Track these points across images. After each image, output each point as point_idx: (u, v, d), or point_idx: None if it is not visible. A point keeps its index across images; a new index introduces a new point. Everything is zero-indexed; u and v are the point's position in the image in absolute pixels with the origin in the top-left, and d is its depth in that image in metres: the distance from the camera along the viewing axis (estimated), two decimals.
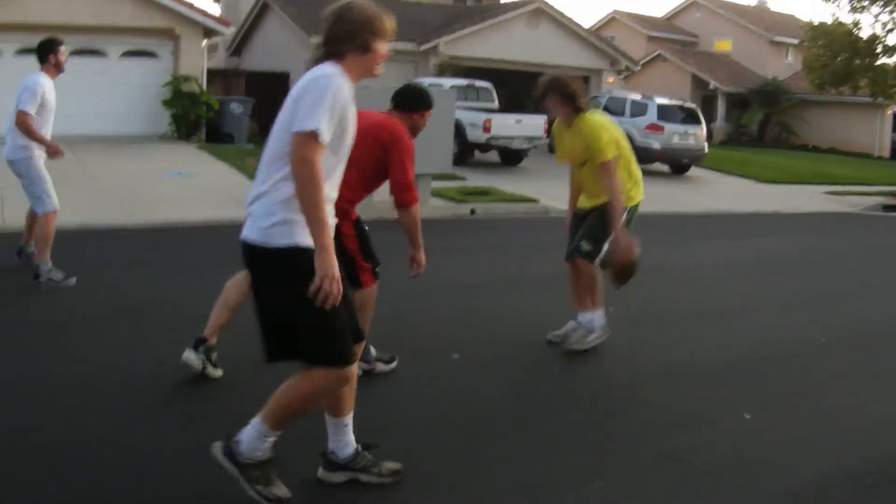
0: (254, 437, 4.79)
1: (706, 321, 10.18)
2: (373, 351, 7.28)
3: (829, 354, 9.00)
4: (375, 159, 6.85)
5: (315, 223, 4.44)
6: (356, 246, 6.92)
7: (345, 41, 4.76)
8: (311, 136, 4.42)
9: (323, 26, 4.85)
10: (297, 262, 4.52)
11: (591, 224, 8.49)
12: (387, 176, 6.99)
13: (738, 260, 14.64)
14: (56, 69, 10.09)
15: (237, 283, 6.86)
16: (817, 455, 6.19)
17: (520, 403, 7.00)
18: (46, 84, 9.91)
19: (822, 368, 8.46)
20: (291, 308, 4.58)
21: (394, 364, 7.45)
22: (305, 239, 4.53)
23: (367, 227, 7.12)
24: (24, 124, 9.66)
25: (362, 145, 6.44)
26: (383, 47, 4.86)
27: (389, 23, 4.93)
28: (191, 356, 6.79)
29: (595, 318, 8.48)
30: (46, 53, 10.04)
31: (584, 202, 8.69)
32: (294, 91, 4.67)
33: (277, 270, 4.60)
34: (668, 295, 11.37)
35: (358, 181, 6.77)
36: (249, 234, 4.66)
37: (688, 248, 15.92)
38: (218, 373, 6.90)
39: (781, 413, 7.00)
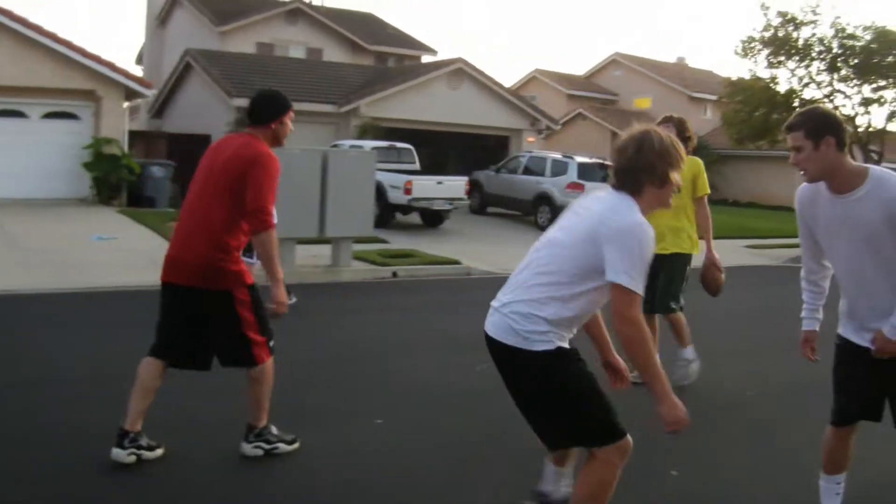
0: None
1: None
2: (273, 429, 6.91)
3: (754, 406, 9.18)
4: (244, 195, 6.41)
5: (653, 378, 4.56)
6: (251, 316, 6.57)
7: (645, 174, 4.71)
8: (635, 295, 4.48)
9: (618, 157, 4.80)
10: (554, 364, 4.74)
11: (671, 280, 9.53)
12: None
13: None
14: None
15: (149, 366, 6.60)
16: None
17: (448, 462, 6.99)
18: None
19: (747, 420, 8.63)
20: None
21: (296, 444, 7.03)
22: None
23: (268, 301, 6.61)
24: None
25: (231, 181, 6.44)
26: (677, 177, 4.79)
27: (682, 151, 4.86)
28: (120, 454, 6.43)
29: (689, 352, 9.68)
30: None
31: (667, 245, 9.37)
32: (595, 217, 4.67)
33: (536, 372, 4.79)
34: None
35: (237, 227, 6.49)
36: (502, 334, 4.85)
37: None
38: (158, 452, 6.61)
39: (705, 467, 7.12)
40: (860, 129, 39.62)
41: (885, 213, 4.89)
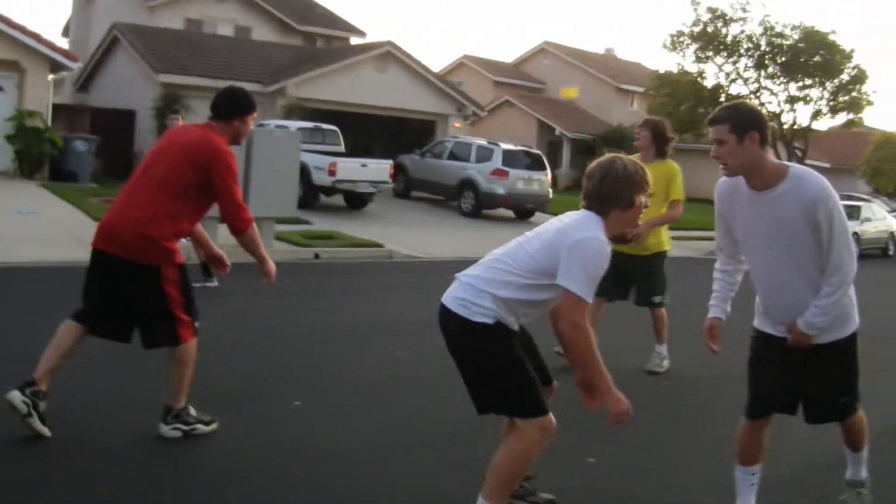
0: None
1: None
2: (192, 411, 6.87)
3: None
4: (195, 184, 6.51)
5: (598, 377, 4.96)
6: (178, 295, 6.60)
7: (610, 201, 5.05)
8: (582, 302, 4.85)
9: (586, 183, 5.17)
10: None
11: (652, 276, 10.20)
12: (211, 200, 6.67)
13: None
14: None
15: (69, 328, 6.58)
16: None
17: (365, 449, 6.99)
18: None
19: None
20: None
21: (214, 425, 6.96)
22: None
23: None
24: None
25: (177, 167, 6.52)
26: (643, 199, 5.13)
27: (648, 174, 5.18)
28: (15, 396, 6.31)
29: (664, 349, 10.29)
30: None
31: (629, 247, 9.61)
32: (561, 228, 5.07)
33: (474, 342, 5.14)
34: None
35: (180, 210, 6.55)
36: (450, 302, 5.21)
37: None
38: (45, 430, 6.42)
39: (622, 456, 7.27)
40: (785, 127, 40.17)
41: (803, 211, 5.02)
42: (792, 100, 41.09)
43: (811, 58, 39.65)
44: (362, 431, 7.47)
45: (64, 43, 46.19)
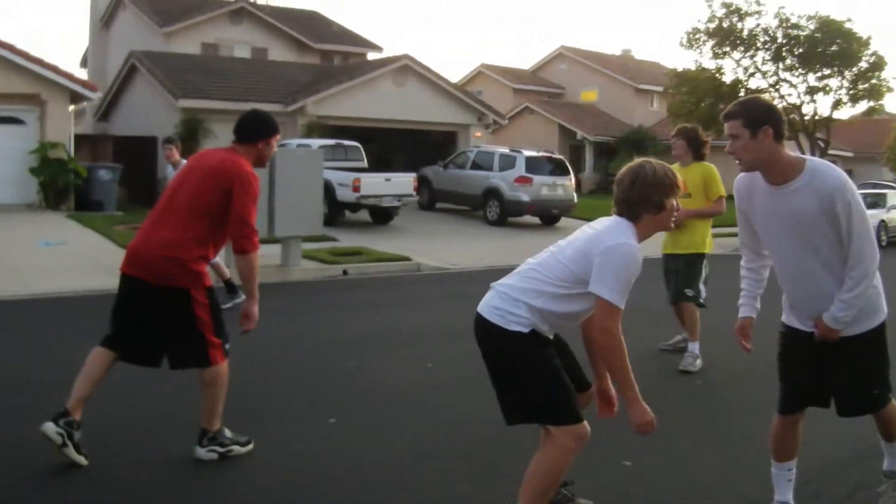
0: None
1: None
2: (227, 432, 6.87)
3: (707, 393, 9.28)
4: (221, 206, 6.52)
5: (627, 386, 4.99)
6: (208, 317, 6.60)
7: (641, 205, 5.08)
8: (615, 308, 4.88)
9: (616, 189, 5.20)
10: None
11: (687, 272, 10.39)
12: None
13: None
14: None
15: (98, 355, 6.60)
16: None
17: (398, 459, 6.98)
18: None
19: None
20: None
21: (250, 446, 6.96)
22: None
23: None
24: None
25: (203, 191, 6.55)
26: (674, 202, 5.16)
27: (678, 177, 5.21)
28: (49, 427, 6.31)
29: (696, 347, 10.28)
30: None
31: (671, 247, 10.50)
32: (593, 236, 5.10)
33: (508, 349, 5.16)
34: None
35: (207, 233, 6.58)
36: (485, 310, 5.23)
37: None
38: (81, 460, 6.43)
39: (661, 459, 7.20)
40: (806, 118, 39.97)
41: (821, 204, 4.97)
42: (811, 90, 40.93)
43: (828, 47, 39.49)
44: (394, 442, 7.46)
45: (83, 73, 46.45)
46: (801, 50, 39.82)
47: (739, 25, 40.54)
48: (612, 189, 5.27)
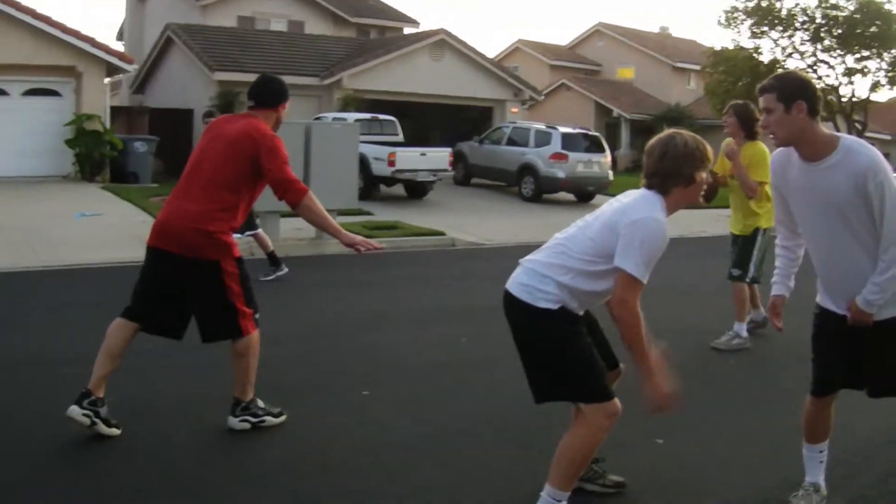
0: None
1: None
2: (260, 403, 6.91)
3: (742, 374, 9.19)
4: (247, 174, 6.59)
5: (640, 359, 4.96)
6: (239, 288, 6.61)
7: (670, 177, 5.06)
8: (636, 282, 4.88)
9: (646, 160, 5.18)
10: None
11: (739, 252, 10.37)
12: (261, 186, 6.77)
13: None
14: None
15: (119, 327, 6.59)
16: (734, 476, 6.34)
17: (433, 436, 6.98)
18: None
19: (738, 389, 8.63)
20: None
21: (283, 417, 7.01)
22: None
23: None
24: None
25: (227, 160, 6.56)
26: (704, 175, 5.13)
27: (709, 150, 5.17)
28: (74, 410, 6.36)
29: (741, 328, 10.24)
30: None
31: (734, 226, 10.52)
32: (619, 209, 5.08)
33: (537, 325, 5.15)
34: None
35: (233, 202, 6.60)
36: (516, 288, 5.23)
37: None
38: (114, 431, 6.49)
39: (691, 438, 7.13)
40: (844, 100, 39.66)
41: (854, 183, 4.88)
42: (849, 72, 40.58)
43: (867, 28, 39.14)
44: (430, 418, 7.44)
45: (119, 46, 46.44)
46: (839, 31, 39.48)
47: (778, 5, 40.23)
48: None
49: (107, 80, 29.60)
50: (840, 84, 40.27)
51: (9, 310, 11.37)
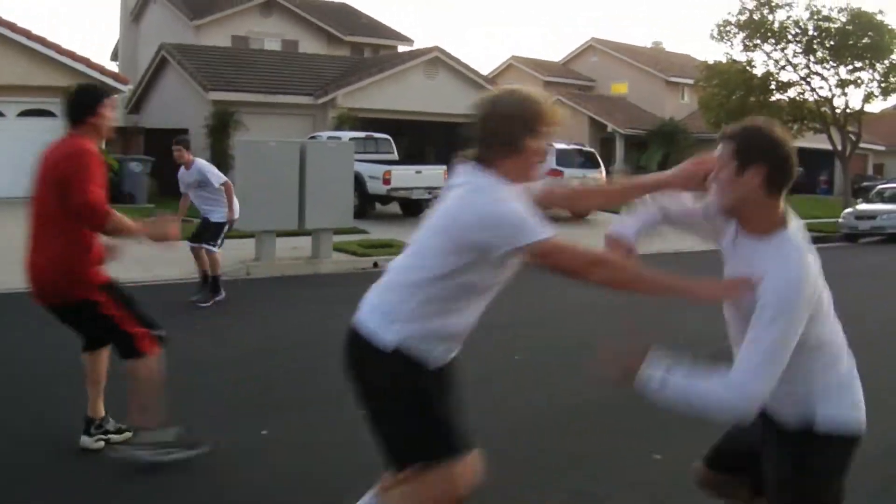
0: None
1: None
2: (172, 436, 6.44)
3: None
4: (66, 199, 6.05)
5: (667, 287, 4.09)
6: (118, 311, 6.28)
7: (489, 145, 4.24)
8: (555, 242, 4.00)
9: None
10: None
11: None
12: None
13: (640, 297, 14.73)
14: None
15: (88, 358, 6.61)
16: None
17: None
18: None
19: None
20: None
21: (200, 450, 6.51)
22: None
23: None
24: None
25: (48, 191, 6.15)
26: (538, 144, 4.16)
27: (546, 108, 4.22)
28: (86, 441, 6.45)
29: None
30: None
31: None
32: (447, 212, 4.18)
33: None
34: (574, 336, 11.48)
35: (76, 234, 6.16)
36: None
37: (576, 288, 15.98)
38: (127, 434, 6.50)
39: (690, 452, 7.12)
40: (837, 111, 39.74)
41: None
42: (843, 83, 40.58)
43: (860, 40, 39.16)
44: None
45: (113, 66, 46.51)
46: (832, 42, 39.50)
47: (770, 17, 40.25)
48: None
49: None
50: (833, 96, 40.28)
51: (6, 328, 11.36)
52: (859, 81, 40.27)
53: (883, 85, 40.27)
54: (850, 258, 24.58)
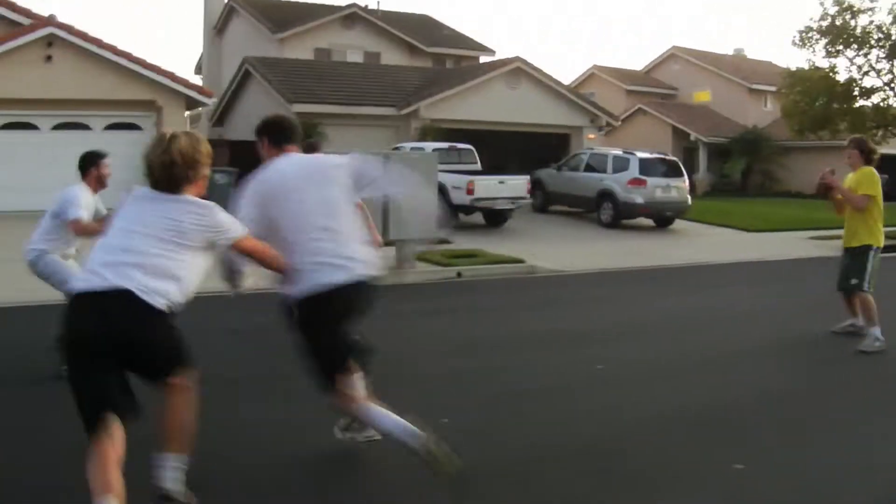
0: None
1: (693, 373, 10.17)
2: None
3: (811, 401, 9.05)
4: None
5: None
6: None
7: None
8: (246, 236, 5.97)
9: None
10: None
11: (851, 263, 11.69)
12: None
13: (722, 309, 14.63)
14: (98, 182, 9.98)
15: None
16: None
17: (517, 462, 6.91)
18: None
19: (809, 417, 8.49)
20: None
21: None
22: None
23: None
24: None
25: None
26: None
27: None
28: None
29: (876, 331, 11.30)
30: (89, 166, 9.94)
31: (847, 241, 11.81)
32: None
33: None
34: (656, 348, 11.38)
35: None
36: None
37: (666, 300, 15.90)
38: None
39: (773, 463, 7.02)
40: None
41: None
42: None
43: None
44: (505, 446, 7.41)
45: (197, 80, 46.99)
46: None
47: (852, 23, 39.76)
48: (726, 190, 5.08)
49: (186, 113, 29.97)
50: None
51: None
52: None
53: None
54: None
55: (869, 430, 8.07)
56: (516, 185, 27.44)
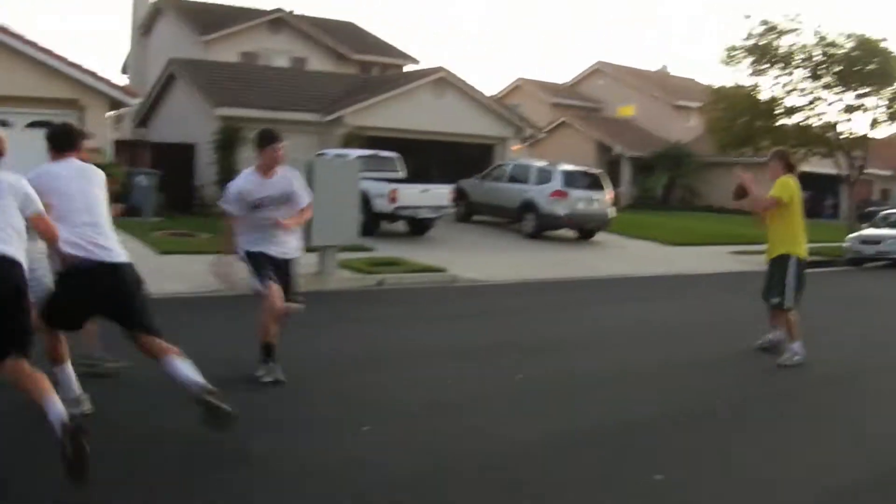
0: None
1: (608, 386, 10.26)
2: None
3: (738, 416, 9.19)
4: None
5: None
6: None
7: None
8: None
9: None
10: None
11: (771, 278, 11.88)
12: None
13: (645, 321, 14.76)
14: None
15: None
16: None
17: (426, 476, 6.90)
18: None
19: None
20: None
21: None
22: None
23: None
24: None
25: None
26: None
27: None
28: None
29: (796, 346, 11.46)
30: None
31: (769, 253, 11.99)
32: None
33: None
34: (572, 363, 11.47)
35: None
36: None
37: (588, 312, 16.04)
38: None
39: (692, 472, 7.13)
40: (842, 137, 39.78)
41: None
42: (849, 109, 40.54)
43: (866, 66, 39.17)
44: (423, 457, 7.38)
45: (123, 80, 46.62)
46: (839, 68, 39.49)
47: (777, 43, 40.27)
48: (649, 204, 5.15)
49: (110, 113, 29.63)
50: (839, 121, 40.24)
51: None
52: (865, 107, 40.30)
53: (889, 110, 40.30)
54: (852, 282, 24.63)
55: (786, 438, 8.22)
56: (440, 193, 27.55)
